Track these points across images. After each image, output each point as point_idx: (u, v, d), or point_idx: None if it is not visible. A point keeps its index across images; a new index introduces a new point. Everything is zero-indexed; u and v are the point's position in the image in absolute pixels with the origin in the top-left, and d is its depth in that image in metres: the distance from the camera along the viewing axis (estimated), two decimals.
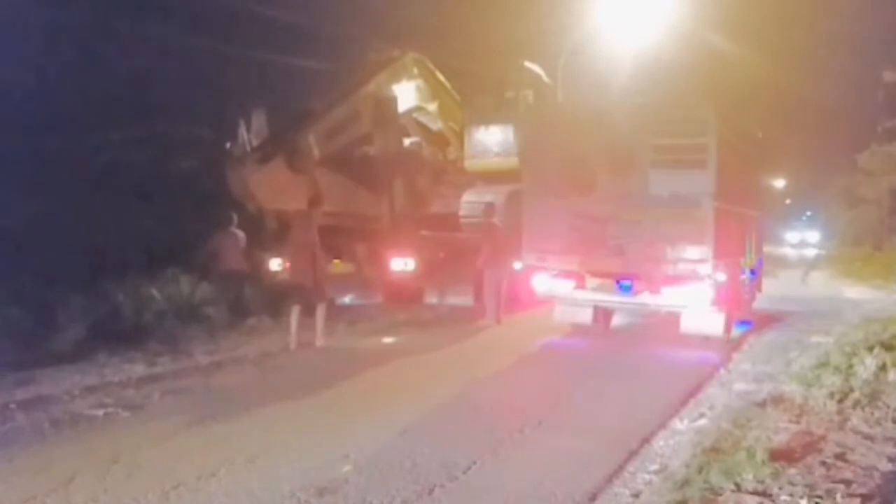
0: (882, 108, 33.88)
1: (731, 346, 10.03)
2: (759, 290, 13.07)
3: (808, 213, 65.59)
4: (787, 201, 62.99)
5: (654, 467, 5.06)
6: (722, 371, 8.62)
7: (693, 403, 6.99)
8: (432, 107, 15.17)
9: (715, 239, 9.31)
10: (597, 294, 10.44)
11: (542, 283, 10.57)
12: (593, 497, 4.56)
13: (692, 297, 9.51)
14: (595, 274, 10.35)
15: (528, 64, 15.57)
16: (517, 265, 11.61)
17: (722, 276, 9.61)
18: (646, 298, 9.99)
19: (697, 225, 9.32)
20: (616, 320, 11.76)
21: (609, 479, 4.85)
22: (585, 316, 10.54)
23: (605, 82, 25.91)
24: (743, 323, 11.32)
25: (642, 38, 20.35)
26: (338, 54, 15.29)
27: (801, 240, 58.01)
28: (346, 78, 13.77)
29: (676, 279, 9.53)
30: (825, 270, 27.90)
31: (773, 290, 15.12)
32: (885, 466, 4.81)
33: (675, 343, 10.01)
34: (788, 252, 43.36)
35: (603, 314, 10.94)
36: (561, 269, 10.35)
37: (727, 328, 10.03)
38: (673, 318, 10.16)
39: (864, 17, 35.05)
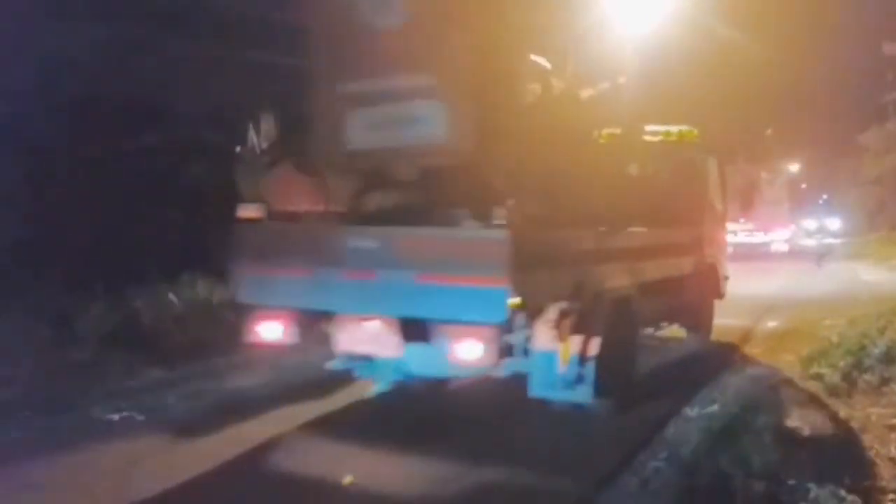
0: (891, 85, 33.88)
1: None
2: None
3: (825, 197, 64.41)
4: (803, 185, 61.77)
5: (664, 454, 5.09)
6: (735, 356, 8.64)
7: (706, 390, 7.04)
8: None
9: (790, 220, 35.89)
10: (745, 238, 27.03)
11: None
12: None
13: (782, 238, 32.50)
14: (744, 231, 27.32)
15: (533, 57, 15.52)
16: None
17: (792, 230, 36.11)
18: (764, 238, 30.03)
19: (784, 215, 33.59)
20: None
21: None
22: (729, 249, 21.93)
23: (614, 72, 25.88)
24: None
25: (649, 26, 20.27)
26: None
27: (820, 227, 55.00)
28: None
29: (776, 231, 31.69)
30: (841, 252, 27.84)
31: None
32: (895, 449, 4.84)
33: (762, 259, 23.44)
34: (806, 243, 37.95)
35: (735, 249, 21.19)
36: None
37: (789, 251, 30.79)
38: (762, 253, 26.77)
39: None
